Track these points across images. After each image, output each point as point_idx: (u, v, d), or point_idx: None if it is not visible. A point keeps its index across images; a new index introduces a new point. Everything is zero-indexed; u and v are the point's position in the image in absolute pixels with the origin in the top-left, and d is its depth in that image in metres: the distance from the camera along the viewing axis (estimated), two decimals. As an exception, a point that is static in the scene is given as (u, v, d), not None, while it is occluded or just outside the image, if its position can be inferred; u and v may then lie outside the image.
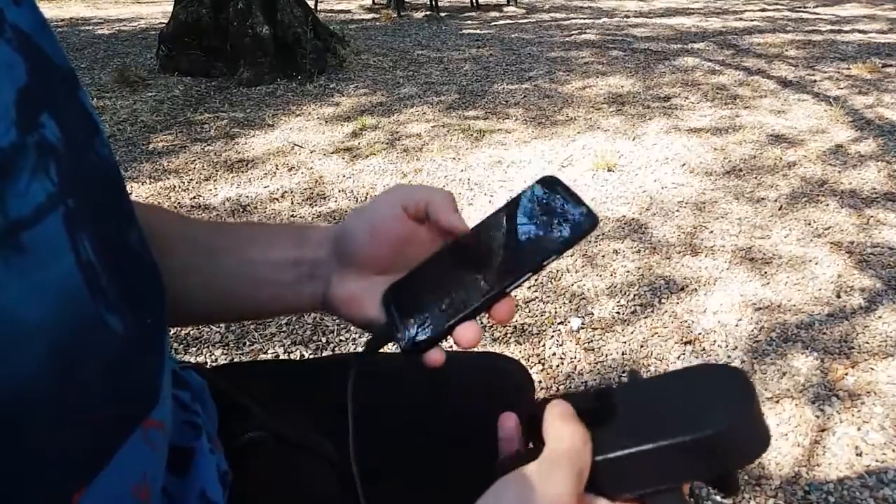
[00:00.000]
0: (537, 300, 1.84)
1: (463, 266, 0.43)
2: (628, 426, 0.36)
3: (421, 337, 0.42)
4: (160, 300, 0.39)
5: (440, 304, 0.42)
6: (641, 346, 1.65)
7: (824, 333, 1.67)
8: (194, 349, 1.69)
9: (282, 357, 1.65)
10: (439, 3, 7.05)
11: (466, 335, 0.41)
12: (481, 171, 2.75)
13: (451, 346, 0.40)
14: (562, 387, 1.52)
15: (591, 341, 1.68)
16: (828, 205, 2.34)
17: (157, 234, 0.41)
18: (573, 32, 5.73)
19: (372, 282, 0.45)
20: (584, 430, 0.36)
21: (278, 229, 0.51)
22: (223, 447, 0.48)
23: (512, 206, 0.44)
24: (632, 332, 1.71)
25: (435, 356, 0.42)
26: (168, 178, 2.71)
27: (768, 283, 1.89)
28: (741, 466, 0.34)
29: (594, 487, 0.36)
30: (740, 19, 6.15)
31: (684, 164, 2.74)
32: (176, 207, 2.47)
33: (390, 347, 0.45)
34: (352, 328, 1.71)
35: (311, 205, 2.49)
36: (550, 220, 0.42)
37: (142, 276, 0.37)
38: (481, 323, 0.42)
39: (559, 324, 1.75)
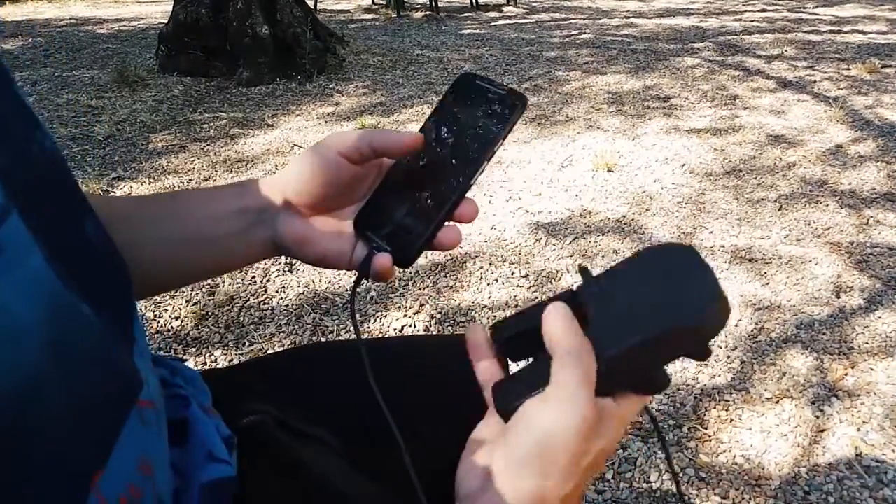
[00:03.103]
0: (537, 300, 1.84)
1: (421, 176, 0.45)
2: (610, 323, 0.37)
3: (411, 249, 0.43)
4: (125, 284, 0.39)
5: (414, 214, 0.44)
6: (641, 346, 1.65)
7: (824, 333, 1.67)
8: (194, 349, 1.69)
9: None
10: (439, 3, 7.05)
11: (449, 237, 0.44)
12: (481, 171, 2.74)
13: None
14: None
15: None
16: (827, 205, 2.34)
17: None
18: (573, 33, 5.73)
19: (319, 220, 0.46)
20: (585, 338, 0.36)
21: (218, 187, 0.51)
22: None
23: (442, 111, 0.45)
24: (631, 332, 1.70)
25: (385, 264, 0.44)
26: (167, 178, 2.71)
27: (768, 283, 1.89)
28: (716, 335, 0.37)
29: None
30: (739, 20, 6.15)
31: (684, 165, 2.74)
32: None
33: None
34: (351, 328, 1.70)
35: (310, 205, 2.49)
36: (484, 111, 0.43)
37: (102, 264, 0.37)
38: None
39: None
